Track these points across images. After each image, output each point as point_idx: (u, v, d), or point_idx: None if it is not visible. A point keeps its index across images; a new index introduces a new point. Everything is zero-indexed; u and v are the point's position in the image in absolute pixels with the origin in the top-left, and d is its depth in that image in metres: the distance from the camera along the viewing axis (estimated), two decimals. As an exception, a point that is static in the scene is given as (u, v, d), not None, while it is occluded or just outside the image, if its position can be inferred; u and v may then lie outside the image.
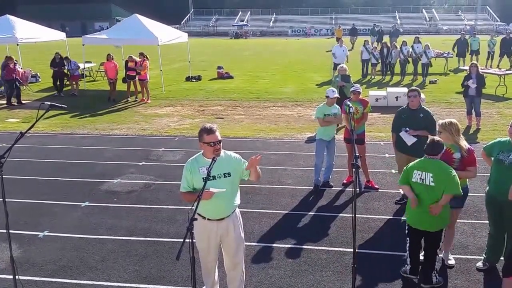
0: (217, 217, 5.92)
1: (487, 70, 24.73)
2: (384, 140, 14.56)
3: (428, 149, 6.78)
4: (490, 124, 16.79)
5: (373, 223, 9.14)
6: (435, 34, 76.68)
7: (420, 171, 6.75)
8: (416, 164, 6.92)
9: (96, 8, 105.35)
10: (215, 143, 5.75)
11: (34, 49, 32.03)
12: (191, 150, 13.46)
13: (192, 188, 5.85)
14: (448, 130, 7.15)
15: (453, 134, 7.15)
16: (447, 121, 7.27)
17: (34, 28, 27.38)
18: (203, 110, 20.12)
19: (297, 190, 10.84)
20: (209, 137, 5.74)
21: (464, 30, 58.92)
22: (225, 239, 6.09)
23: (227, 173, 5.86)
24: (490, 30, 67.13)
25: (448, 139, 7.13)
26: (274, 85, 26.85)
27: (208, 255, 6.19)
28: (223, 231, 6.01)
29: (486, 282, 7.15)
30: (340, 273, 7.39)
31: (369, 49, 28.04)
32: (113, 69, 22.20)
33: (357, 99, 10.68)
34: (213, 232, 5.98)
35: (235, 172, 5.93)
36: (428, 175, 6.65)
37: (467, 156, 7.10)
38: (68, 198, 10.50)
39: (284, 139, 15.37)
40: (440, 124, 7.29)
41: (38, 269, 7.58)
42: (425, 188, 6.69)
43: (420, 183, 6.73)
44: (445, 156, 7.04)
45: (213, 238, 6.02)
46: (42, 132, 16.39)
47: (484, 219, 8.73)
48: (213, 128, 5.79)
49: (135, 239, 8.58)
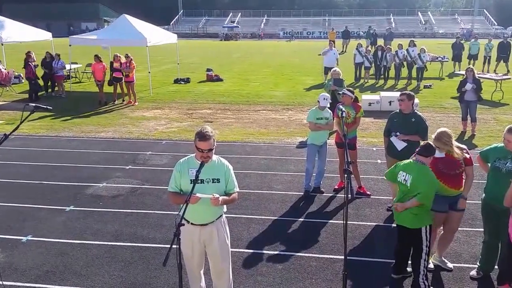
0: (200, 222, 5.97)
1: (484, 75, 24.90)
2: (376, 146, 14.65)
3: (421, 149, 6.92)
4: (485, 130, 16.92)
5: (364, 230, 9.22)
6: (431, 38, 77.08)
7: (405, 172, 6.98)
8: (404, 164, 7.12)
9: (83, 8, 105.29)
10: (203, 151, 5.78)
11: (18, 49, 31.91)
12: (178, 154, 13.55)
13: (179, 189, 5.91)
14: (447, 143, 7.16)
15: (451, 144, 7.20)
16: (441, 132, 7.25)
17: (19, 28, 27.27)
18: (191, 113, 20.16)
19: (287, 196, 10.90)
20: (200, 143, 5.76)
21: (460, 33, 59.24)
22: (209, 246, 6.14)
23: (216, 179, 5.90)
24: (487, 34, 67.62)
25: (448, 151, 7.22)
26: (265, 88, 26.93)
27: (192, 260, 6.24)
28: (206, 237, 6.05)
29: (479, 290, 7.23)
30: (330, 281, 7.46)
31: (362, 52, 28.15)
32: (100, 71, 22.19)
33: (349, 103, 10.75)
34: (196, 237, 6.03)
35: (224, 179, 5.97)
36: (409, 176, 6.86)
37: (468, 156, 7.25)
38: (52, 202, 10.53)
39: (275, 143, 15.43)
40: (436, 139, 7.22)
41: (21, 274, 7.60)
42: (404, 188, 6.94)
43: (403, 183, 6.96)
44: (450, 160, 7.17)
45: (197, 243, 6.07)
46: (27, 134, 16.40)
47: (479, 227, 8.85)
48: (207, 135, 5.75)
49: (121, 244, 8.61)
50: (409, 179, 6.85)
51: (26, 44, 28.45)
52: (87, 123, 18.37)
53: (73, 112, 20.12)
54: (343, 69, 17.08)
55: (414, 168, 6.88)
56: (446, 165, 7.09)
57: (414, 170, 6.84)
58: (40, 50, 26.66)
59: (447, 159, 7.17)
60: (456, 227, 7.62)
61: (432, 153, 6.87)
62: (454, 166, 7.12)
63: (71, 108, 20.88)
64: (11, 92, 25.08)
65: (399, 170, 7.11)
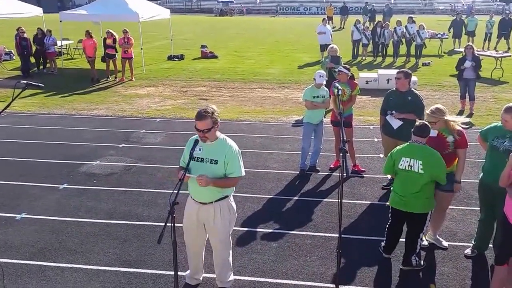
0: (199, 200, 6.12)
1: (484, 52, 24.84)
2: (373, 124, 14.78)
3: (416, 129, 6.95)
4: (484, 108, 17.04)
5: (359, 209, 9.38)
6: (430, 14, 76.72)
7: (409, 158, 6.90)
8: (403, 150, 7.07)
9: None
10: (199, 130, 5.88)
11: (8, 25, 31.76)
12: (172, 132, 13.67)
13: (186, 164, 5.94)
14: (440, 118, 7.26)
15: (445, 119, 7.30)
16: (435, 108, 7.34)
17: (8, 3, 27.04)
18: (185, 91, 20.23)
19: (282, 175, 11.04)
20: (197, 122, 5.85)
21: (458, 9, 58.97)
22: (207, 226, 6.28)
23: (214, 160, 5.97)
24: (488, 10, 67.32)
25: (441, 126, 7.31)
26: (261, 65, 26.97)
27: (190, 235, 6.44)
28: (205, 216, 6.18)
29: (474, 269, 7.38)
30: (325, 258, 7.62)
31: (360, 28, 28.09)
32: (91, 47, 22.12)
33: (345, 81, 10.82)
34: (195, 213, 6.20)
35: (223, 161, 5.99)
36: (417, 162, 6.81)
37: (459, 138, 7.29)
38: (46, 180, 10.66)
39: (270, 122, 15.54)
40: (429, 114, 7.34)
41: (15, 251, 7.75)
42: (413, 174, 6.86)
43: (408, 170, 6.90)
44: (438, 140, 7.26)
45: (195, 219, 6.23)
46: (18, 112, 16.48)
47: (474, 205, 9.01)
48: (203, 114, 5.81)
49: (115, 222, 8.76)
50: (417, 165, 6.81)
51: (16, 19, 28.28)
52: (80, 101, 18.44)
53: (65, 89, 20.19)
54: (340, 46, 17.13)
55: (420, 151, 6.86)
56: (435, 145, 7.15)
57: (423, 154, 6.83)
58: (31, 26, 26.54)
59: (437, 139, 7.26)
60: (445, 207, 7.74)
61: (427, 133, 6.91)
62: (441, 148, 7.18)
63: (63, 85, 20.92)
64: (2, 69, 25.04)
65: (399, 156, 7.04)
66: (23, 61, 23.33)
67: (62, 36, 26.56)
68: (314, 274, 7.21)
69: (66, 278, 7.05)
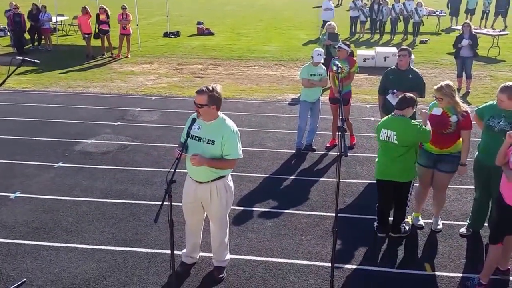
0: (195, 179, 6.12)
1: (481, 30, 24.79)
2: (370, 103, 14.75)
3: (397, 104, 7.20)
4: (480, 87, 17.04)
5: (355, 188, 9.42)
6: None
7: (386, 129, 7.14)
8: (384, 122, 7.32)
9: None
10: (195, 104, 5.88)
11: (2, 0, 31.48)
12: (168, 110, 13.63)
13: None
14: (448, 94, 7.21)
15: (453, 96, 7.25)
16: (444, 84, 7.29)
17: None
18: (181, 69, 20.16)
19: (278, 154, 11.05)
20: (196, 96, 5.88)
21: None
22: (205, 206, 6.32)
23: (211, 140, 5.92)
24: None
25: (449, 103, 7.28)
26: (257, 43, 26.85)
27: (187, 211, 6.48)
28: (202, 195, 6.19)
29: (468, 248, 7.43)
30: (321, 237, 7.65)
31: (358, 5, 27.91)
32: (87, 23, 21.98)
33: (344, 57, 10.76)
34: (192, 191, 6.21)
35: (219, 142, 5.94)
36: (392, 133, 7.04)
37: (463, 120, 7.25)
38: (40, 159, 10.62)
39: (267, 100, 15.52)
40: (437, 89, 7.30)
41: (10, 231, 7.74)
42: (390, 145, 7.12)
43: (386, 141, 7.15)
44: (441, 119, 7.28)
45: (193, 197, 6.25)
46: (13, 89, 16.40)
47: (469, 184, 9.04)
48: (202, 89, 5.86)
49: (111, 201, 8.76)
50: (392, 136, 7.03)
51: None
52: (75, 78, 18.35)
53: (60, 66, 20.06)
54: (338, 23, 17.04)
55: (396, 123, 7.06)
56: (436, 123, 7.20)
57: (398, 125, 7.02)
58: (24, 1, 26.33)
59: (440, 118, 7.27)
60: (441, 187, 7.74)
61: (406, 105, 7.05)
62: (442, 127, 7.22)
63: (58, 62, 20.79)
64: (-4, 45, 24.89)
65: (379, 128, 7.29)
66: (16, 37, 23.13)
67: (57, 12, 26.37)
68: (310, 253, 7.23)
69: (61, 257, 7.05)
